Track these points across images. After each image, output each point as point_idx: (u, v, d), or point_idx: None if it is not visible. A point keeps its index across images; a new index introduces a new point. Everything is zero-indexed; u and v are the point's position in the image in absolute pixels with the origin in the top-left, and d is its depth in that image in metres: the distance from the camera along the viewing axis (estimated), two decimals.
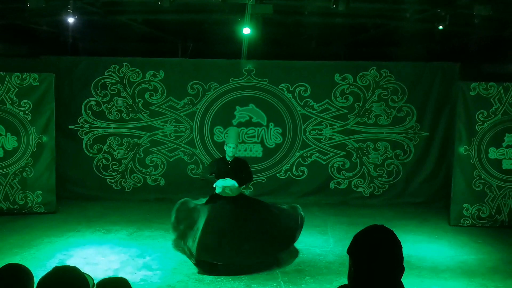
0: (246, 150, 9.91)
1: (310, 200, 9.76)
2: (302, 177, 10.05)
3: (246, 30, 8.42)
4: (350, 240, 2.11)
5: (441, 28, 8.49)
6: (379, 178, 10.02)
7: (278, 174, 10.05)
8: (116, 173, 9.97)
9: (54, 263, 6.27)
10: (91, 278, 2.59)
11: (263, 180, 10.00)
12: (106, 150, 9.91)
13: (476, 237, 7.92)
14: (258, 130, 9.99)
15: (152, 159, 9.97)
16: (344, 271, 3.01)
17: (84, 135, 9.87)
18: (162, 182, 9.99)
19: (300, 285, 5.95)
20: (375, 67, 9.83)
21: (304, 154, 10.01)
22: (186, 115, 9.91)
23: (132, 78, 9.80)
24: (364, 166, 10.00)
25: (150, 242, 7.34)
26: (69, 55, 10.02)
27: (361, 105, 9.89)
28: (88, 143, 9.88)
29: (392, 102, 9.87)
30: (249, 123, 9.97)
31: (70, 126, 9.80)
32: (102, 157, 9.91)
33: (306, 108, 9.93)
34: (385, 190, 10.03)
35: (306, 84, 9.88)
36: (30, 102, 8.73)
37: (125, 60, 9.80)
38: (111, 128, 9.88)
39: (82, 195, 9.72)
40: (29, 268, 2.53)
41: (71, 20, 8.50)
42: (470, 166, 8.46)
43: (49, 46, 10.04)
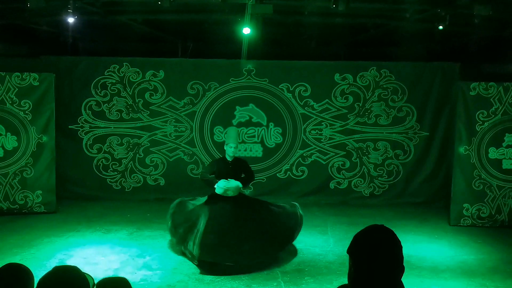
0: (246, 150, 9.92)
1: (310, 200, 9.75)
2: (302, 177, 10.05)
3: (246, 30, 8.42)
4: (350, 240, 2.12)
5: (441, 28, 8.49)
6: (379, 178, 10.02)
7: (278, 174, 10.05)
8: (116, 173, 9.97)
9: (54, 263, 6.26)
10: (91, 278, 2.59)
11: (263, 180, 10.00)
12: (106, 150, 9.91)
13: (476, 237, 7.92)
14: (258, 130, 9.99)
15: (152, 159, 9.97)
16: (344, 271, 3.01)
17: (84, 135, 9.87)
18: (162, 182, 9.99)
19: (300, 285, 5.94)
20: (375, 67, 9.82)
21: (304, 154, 10.01)
22: (186, 115, 9.91)
23: (132, 78, 9.81)
24: (364, 166, 10.00)
25: (150, 242, 7.34)
26: (69, 55, 10.02)
27: (361, 105, 9.89)
28: (88, 143, 9.88)
29: (392, 102, 9.87)
30: (249, 123, 9.97)
31: (70, 126, 9.81)
32: (102, 157, 9.92)
33: (306, 108, 9.93)
34: (385, 190, 10.03)
35: (306, 84, 9.88)
36: (30, 102, 8.73)
37: (125, 60, 9.80)
38: (111, 128, 9.88)
39: (82, 195, 9.72)
40: (29, 268, 2.53)
41: (71, 20, 8.51)
42: (470, 166, 8.46)
43: (49, 46, 10.04)
